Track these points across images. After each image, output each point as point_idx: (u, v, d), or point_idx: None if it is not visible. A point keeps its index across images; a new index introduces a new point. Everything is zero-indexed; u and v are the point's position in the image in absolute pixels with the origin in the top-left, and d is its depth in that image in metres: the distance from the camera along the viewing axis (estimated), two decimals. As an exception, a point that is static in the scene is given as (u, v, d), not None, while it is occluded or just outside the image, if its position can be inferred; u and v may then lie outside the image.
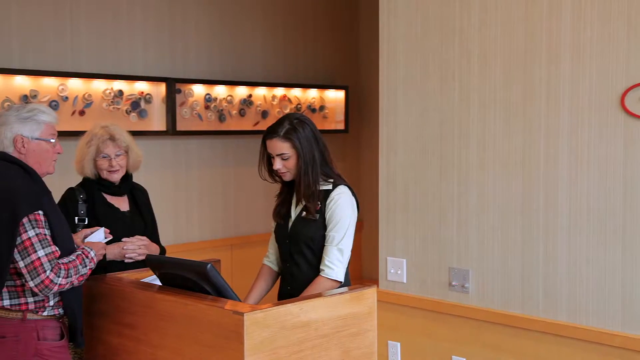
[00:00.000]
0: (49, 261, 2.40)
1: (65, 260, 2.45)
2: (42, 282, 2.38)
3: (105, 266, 2.89)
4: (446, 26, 3.35)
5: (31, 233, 2.40)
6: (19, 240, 2.40)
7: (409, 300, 3.50)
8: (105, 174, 3.02)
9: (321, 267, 2.63)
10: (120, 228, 3.00)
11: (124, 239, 2.97)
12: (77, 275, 2.47)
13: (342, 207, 2.65)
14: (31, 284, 2.39)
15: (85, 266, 2.50)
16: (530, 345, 3.12)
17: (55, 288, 2.40)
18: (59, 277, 2.40)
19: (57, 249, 2.44)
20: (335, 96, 5.89)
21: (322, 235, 2.66)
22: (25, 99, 4.17)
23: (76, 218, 2.95)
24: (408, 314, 3.52)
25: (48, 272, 2.38)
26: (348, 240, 2.64)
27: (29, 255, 2.39)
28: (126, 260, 2.96)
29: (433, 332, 3.43)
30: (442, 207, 3.39)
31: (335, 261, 2.61)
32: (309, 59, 5.81)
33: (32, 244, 2.39)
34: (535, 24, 3.07)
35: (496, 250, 3.23)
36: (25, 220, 2.40)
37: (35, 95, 4.22)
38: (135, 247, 2.97)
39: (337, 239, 2.62)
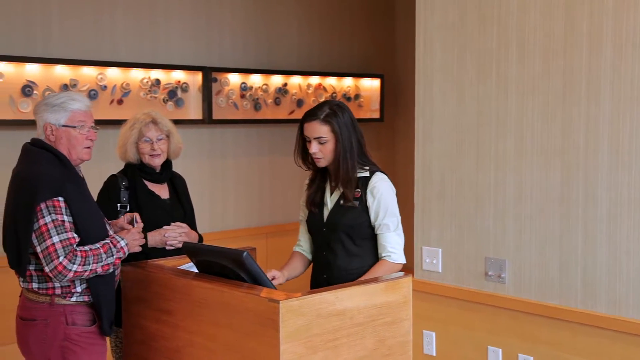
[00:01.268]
0: (63, 247, 2.42)
1: (85, 247, 2.47)
2: (56, 267, 2.41)
3: (146, 253, 2.93)
4: (484, 14, 3.31)
5: (48, 219, 2.43)
6: (36, 225, 2.44)
7: (445, 289, 3.49)
8: (147, 159, 3.06)
9: (384, 253, 2.67)
10: (160, 215, 3.04)
11: (165, 227, 3.01)
12: (101, 264, 2.48)
13: (387, 194, 2.68)
14: (46, 269, 2.43)
15: (112, 255, 2.51)
16: (567, 336, 3.08)
17: (70, 275, 2.42)
18: (73, 263, 2.42)
19: (74, 235, 2.46)
20: (371, 85, 5.87)
21: (362, 223, 2.67)
22: (65, 88, 4.24)
23: (118, 205, 3.00)
24: (443, 303, 3.50)
25: (61, 258, 2.41)
26: (400, 225, 2.72)
27: (44, 241, 2.43)
28: (167, 248, 3.00)
29: (468, 322, 3.41)
30: (479, 197, 3.36)
31: (397, 245, 2.68)
32: (345, 47, 5.79)
33: (47, 230, 2.43)
34: (576, 10, 3.01)
35: (533, 241, 3.19)
36: (42, 205, 2.44)
37: (75, 85, 4.29)
38: (176, 234, 3.01)
39: (393, 225, 2.68)
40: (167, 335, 2.51)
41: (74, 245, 2.45)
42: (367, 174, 2.69)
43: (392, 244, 2.67)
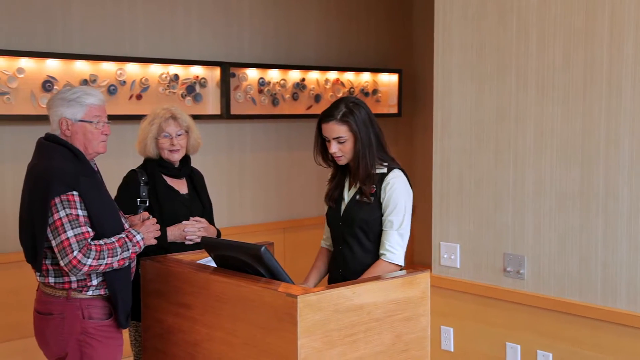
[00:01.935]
0: (78, 242, 2.43)
1: (100, 242, 2.48)
2: (70, 262, 2.42)
3: (166, 247, 2.95)
4: (503, 7, 3.28)
5: (62, 213, 2.44)
6: (50, 220, 2.45)
7: (463, 285, 3.47)
8: (166, 154, 3.07)
9: (382, 251, 2.63)
10: (179, 210, 3.06)
11: (184, 222, 3.03)
12: (117, 258, 2.49)
13: (399, 191, 2.64)
14: (61, 263, 2.44)
15: (128, 250, 2.52)
16: (587, 333, 3.06)
17: (85, 269, 2.43)
18: (88, 257, 2.43)
19: (89, 230, 2.47)
20: (389, 80, 5.85)
21: (376, 219, 2.66)
22: (85, 83, 4.27)
23: (138, 200, 3.02)
24: (461, 299, 3.49)
25: (76, 252, 2.42)
26: (407, 224, 2.65)
27: (59, 235, 2.44)
28: (186, 242, 3.01)
29: (486, 318, 3.40)
30: (497, 192, 3.34)
31: (396, 245, 2.62)
32: (362, 42, 5.77)
33: (62, 224, 2.44)
34: (597, 3, 2.98)
35: (553, 236, 3.16)
36: (57, 200, 2.45)
37: (94, 80, 4.32)
38: (195, 229, 3.02)
39: (397, 223, 2.63)
40: (185, 329, 2.53)
41: (89, 240, 2.46)
42: (384, 170, 2.68)
43: (391, 243, 2.62)
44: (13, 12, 4.12)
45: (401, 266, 2.63)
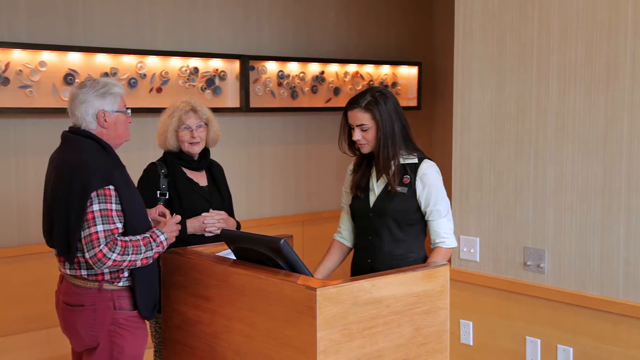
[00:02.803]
0: (106, 237, 2.45)
1: (126, 238, 2.50)
2: (95, 255, 2.44)
3: (186, 240, 2.97)
4: (525, -1, 3.25)
5: (96, 207, 2.46)
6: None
7: (482, 279, 3.46)
8: (186, 147, 3.09)
9: (438, 240, 2.72)
10: (199, 202, 3.07)
11: (203, 214, 3.04)
12: (140, 256, 2.51)
13: (436, 180, 2.72)
14: (87, 255, 2.46)
15: (151, 249, 2.54)
16: (608, 327, 3.04)
17: (109, 263, 2.45)
18: (113, 252, 2.45)
19: (118, 226, 2.49)
20: (408, 72, 5.82)
21: (410, 209, 2.69)
22: (106, 76, 4.30)
23: (158, 192, 3.04)
24: (481, 293, 3.47)
25: (102, 246, 2.44)
26: (450, 210, 2.76)
27: (88, 228, 2.46)
28: (206, 234, 3.03)
29: (506, 312, 3.38)
30: (518, 186, 3.32)
31: (449, 231, 2.74)
32: (382, 34, 5.75)
33: (93, 218, 2.46)
34: (620, -4, 2.94)
35: (574, 230, 3.14)
36: (93, 194, 2.46)
37: (115, 73, 4.34)
38: (215, 221, 3.04)
39: (444, 210, 2.72)
40: (205, 321, 2.54)
41: (116, 235, 2.48)
42: (415, 160, 2.72)
43: (444, 230, 2.72)
44: (35, 6, 4.15)
45: (454, 247, 2.78)
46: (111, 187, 2.49)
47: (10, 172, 4.16)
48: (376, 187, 2.74)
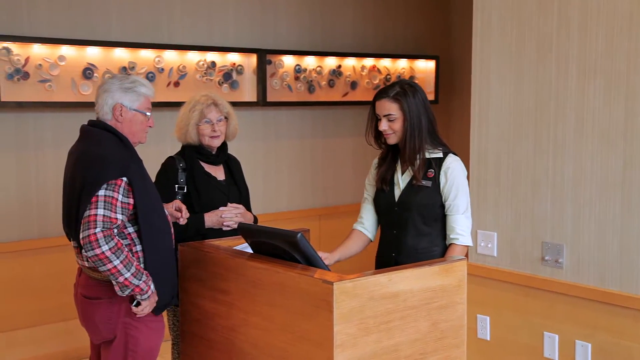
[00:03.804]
0: (103, 222, 2.42)
1: (125, 246, 2.46)
2: (88, 236, 2.39)
3: (203, 233, 2.98)
4: (544, -8, 3.22)
5: (101, 192, 2.44)
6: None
7: (500, 274, 3.44)
8: (207, 140, 3.10)
9: (453, 235, 2.70)
10: (217, 196, 3.09)
11: (221, 208, 3.05)
12: (125, 273, 2.42)
13: (460, 175, 2.71)
14: (81, 235, 2.43)
15: (139, 279, 2.46)
16: (627, 323, 3.01)
17: (98, 251, 2.39)
18: (106, 243, 2.40)
19: (119, 217, 2.46)
20: (426, 66, 5.80)
21: (435, 203, 2.69)
22: (124, 70, 4.33)
23: (176, 186, 3.05)
24: (498, 288, 3.46)
25: (97, 229, 2.40)
26: (470, 208, 2.73)
27: (89, 209, 2.44)
28: (224, 228, 3.04)
29: (524, 307, 3.37)
30: (536, 180, 3.30)
31: (465, 228, 2.71)
32: (399, 28, 5.73)
33: (97, 201, 2.44)
34: (641, -12, 2.91)
35: (593, 225, 3.11)
36: (105, 184, 2.46)
37: (133, 67, 4.37)
38: (232, 215, 3.05)
39: (463, 207, 2.70)
40: (222, 314, 2.56)
41: (114, 225, 2.45)
42: (440, 154, 2.72)
43: (460, 226, 2.69)
44: (54, 1, 4.18)
45: (470, 246, 2.75)
46: (124, 178, 2.49)
47: (30, 165, 4.21)
48: (401, 181, 2.74)
